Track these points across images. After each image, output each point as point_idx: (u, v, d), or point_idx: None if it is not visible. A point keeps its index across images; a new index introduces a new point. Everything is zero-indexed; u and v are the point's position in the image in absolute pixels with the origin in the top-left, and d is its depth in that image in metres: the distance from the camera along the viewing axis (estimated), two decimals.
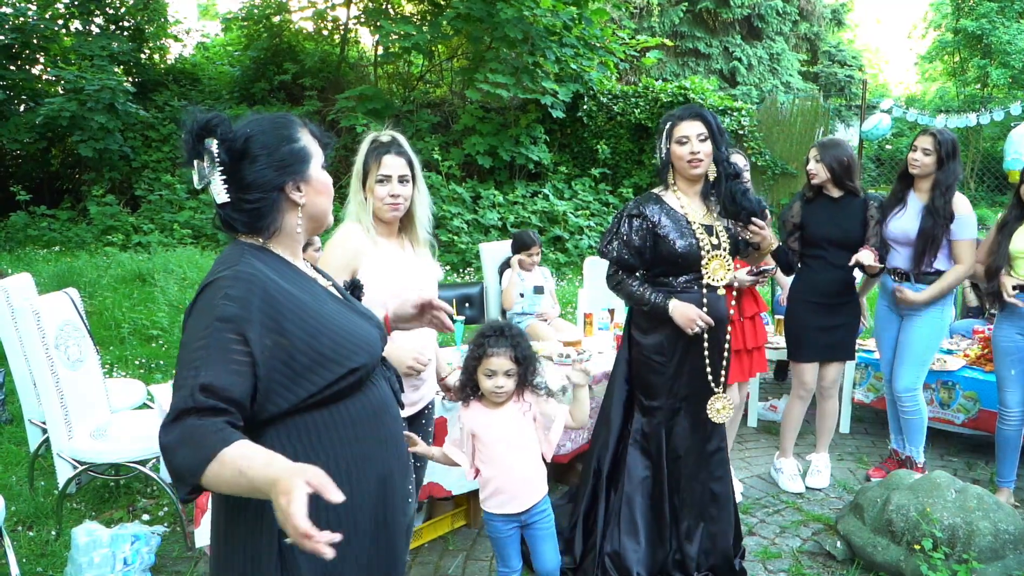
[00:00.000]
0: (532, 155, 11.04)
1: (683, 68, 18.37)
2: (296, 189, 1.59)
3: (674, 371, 3.03)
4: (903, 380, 3.91)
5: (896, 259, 3.88)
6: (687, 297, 2.96)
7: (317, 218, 1.65)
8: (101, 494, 3.88)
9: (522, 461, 2.63)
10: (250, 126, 1.58)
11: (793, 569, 3.29)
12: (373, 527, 1.62)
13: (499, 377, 2.53)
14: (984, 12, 18.95)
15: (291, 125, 1.61)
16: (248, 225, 1.57)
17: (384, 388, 1.70)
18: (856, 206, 3.86)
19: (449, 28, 10.95)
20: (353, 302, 1.77)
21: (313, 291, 1.60)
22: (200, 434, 1.32)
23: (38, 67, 11.91)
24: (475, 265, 9.26)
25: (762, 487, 4.11)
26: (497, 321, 2.82)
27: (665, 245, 2.93)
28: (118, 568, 2.95)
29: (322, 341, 1.51)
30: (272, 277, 1.50)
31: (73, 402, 3.47)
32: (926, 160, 3.73)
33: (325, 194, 1.65)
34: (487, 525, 2.71)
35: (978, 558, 2.95)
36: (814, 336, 3.91)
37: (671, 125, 2.97)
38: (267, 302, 1.46)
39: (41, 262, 8.51)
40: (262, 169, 1.54)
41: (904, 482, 3.32)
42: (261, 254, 1.56)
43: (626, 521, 3.09)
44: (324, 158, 1.66)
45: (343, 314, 1.63)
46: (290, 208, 1.60)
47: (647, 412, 3.11)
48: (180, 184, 10.49)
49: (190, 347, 1.41)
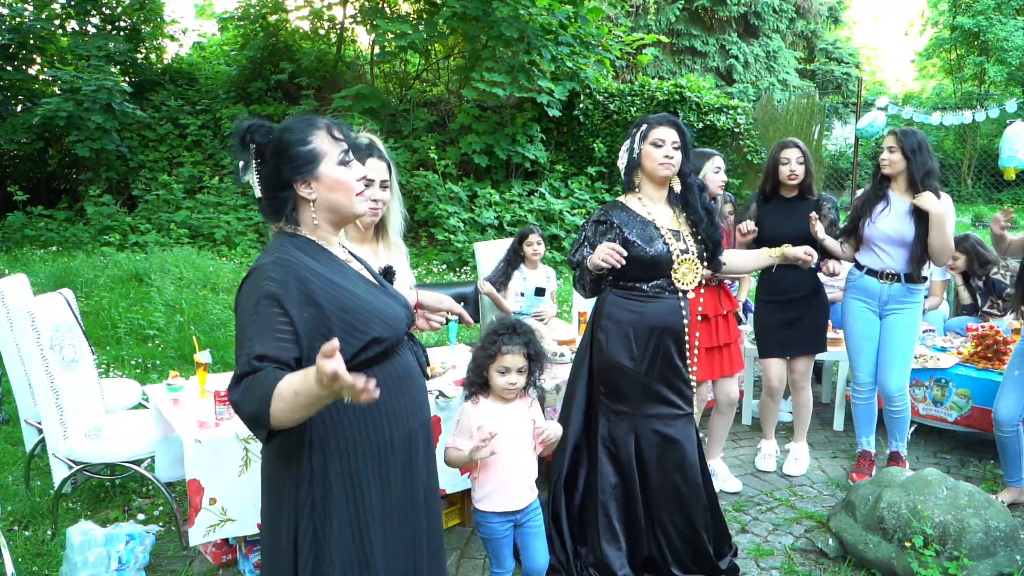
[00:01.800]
0: (528, 154, 11.05)
1: (679, 66, 18.38)
2: (306, 186, 1.80)
3: (645, 374, 3.03)
4: (896, 380, 3.94)
5: (885, 260, 3.89)
6: (659, 304, 3.00)
7: (335, 210, 1.85)
8: (97, 494, 3.89)
9: (525, 459, 2.67)
10: (279, 131, 1.82)
11: (785, 566, 3.31)
12: (400, 475, 1.89)
13: (512, 374, 2.57)
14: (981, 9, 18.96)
15: (307, 129, 1.81)
16: (274, 216, 1.84)
17: (409, 359, 1.94)
18: (810, 206, 3.95)
19: (445, 27, 10.95)
20: (383, 284, 2.00)
21: (344, 272, 1.84)
22: (257, 383, 1.60)
23: (35, 67, 11.91)
24: (471, 264, 9.26)
25: (756, 484, 4.12)
26: (508, 318, 2.85)
27: (634, 251, 2.95)
28: (113, 568, 2.96)
29: (351, 313, 1.76)
30: (306, 261, 1.76)
31: (68, 402, 3.48)
32: (893, 157, 3.81)
33: (339, 190, 1.83)
34: (481, 526, 2.71)
35: (969, 555, 2.96)
36: (775, 333, 4.01)
37: (647, 127, 3.00)
38: (302, 281, 1.71)
39: (38, 262, 8.51)
40: (274, 168, 1.80)
41: (896, 479, 3.34)
42: (298, 241, 1.81)
43: (605, 529, 3.08)
44: (348, 156, 1.84)
45: (371, 292, 1.86)
46: (303, 203, 1.83)
47: (614, 416, 3.09)
48: (177, 184, 10.49)
49: (243, 322, 1.70)
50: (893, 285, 3.89)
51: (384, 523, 1.87)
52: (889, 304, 3.92)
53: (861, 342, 4.04)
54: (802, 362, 4.13)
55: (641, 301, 3.01)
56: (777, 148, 3.99)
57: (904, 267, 3.85)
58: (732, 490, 4.00)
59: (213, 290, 7.86)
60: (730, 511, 3.79)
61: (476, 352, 2.66)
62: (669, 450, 3.08)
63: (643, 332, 3.00)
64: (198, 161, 11.29)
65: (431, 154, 10.55)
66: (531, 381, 2.66)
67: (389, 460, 1.87)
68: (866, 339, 4.02)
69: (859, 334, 4.04)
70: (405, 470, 1.92)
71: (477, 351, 2.66)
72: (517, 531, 2.70)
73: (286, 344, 1.67)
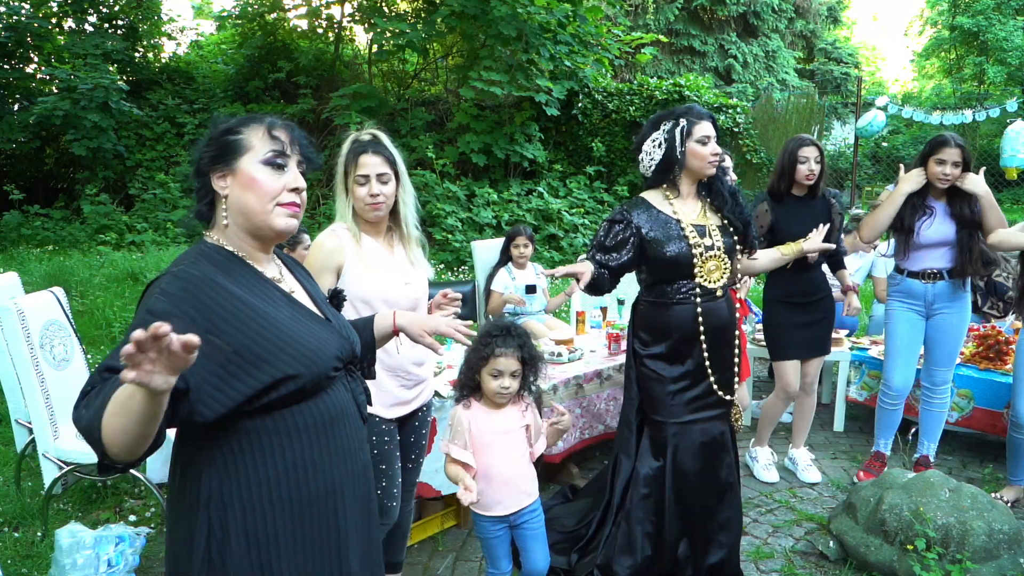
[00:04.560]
0: (527, 153, 11.01)
1: (678, 66, 18.34)
2: (221, 179, 1.59)
3: (677, 383, 2.94)
4: (941, 374, 3.94)
5: (929, 260, 3.84)
6: (681, 310, 2.90)
7: (245, 214, 1.59)
8: (88, 495, 3.84)
9: (515, 465, 2.59)
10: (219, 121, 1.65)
11: (786, 569, 3.27)
12: (320, 535, 1.60)
13: (505, 378, 2.49)
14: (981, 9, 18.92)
15: (245, 121, 1.62)
16: (198, 212, 1.63)
17: (343, 397, 1.66)
18: (820, 204, 3.89)
19: (443, 26, 10.92)
20: (326, 312, 1.74)
21: (265, 293, 1.59)
22: (95, 392, 1.36)
23: (32, 66, 11.87)
24: (469, 263, 9.22)
25: (755, 486, 4.08)
26: (502, 320, 2.78)
27: (654, 251, 2.87)
28: (102, 570, 2.92)
29: (259, 343, 1.49)
30: (215, 278, 1.52)
31: (59, 402, 3.43)
32: (956, 172, 3.68)
33: (252, 191, 1.57)
34: (476, 526, 2.67)
35: (972, 558, 2.92)
36: (794, 334, 3.92)
37: (690, 124, 2.86)
38: (201, 301, 1.47)
39: (34, 261, 8.47)
40: (199, 154, 1.60)
41: (897, 481, 3.30)
42: (215, 254, 1.58)
43: (623, 536, 2.99)
44: (281, 159, 1.59)
45: (296, 320, 1.60)
46: (217, 198, 1.61)
47: (654, 427, 3.01)
48: (174, 183, 10.45)
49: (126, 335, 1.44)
50: (937, 284, 3.83)
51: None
52: (935, 304, 3.86)
53: (904, 346, 3.95)
54: (815, 364, 4.05)
55: (665, 308, 2.92)
56: (794, 145, 3.84)
57: (948, 264, 3.81)
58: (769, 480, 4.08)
59: None
60: None
61: (469, 354, 2.58)
62: (713, 457, 2.99)
63: (671, 340, 2.92)
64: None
65: (429, 153, 10.51)
66: (525, 385, 2.58)
67: (305, 515, 1.58)
68: (910, 342, 3.94)
69: (903, 336, 3.95)
70: (327, 527, 1.62)
71: (470, 353, 2.57)
72: (515, 532, 2.65)
73: None
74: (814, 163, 3.81)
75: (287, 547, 1.56)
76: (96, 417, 1.32)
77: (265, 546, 1.53)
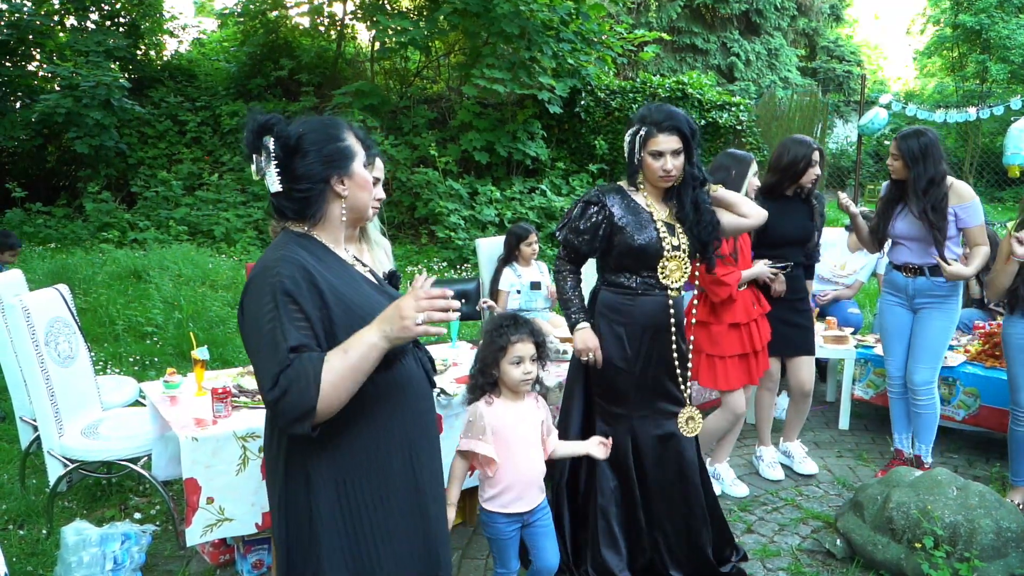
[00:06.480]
0: (529, 151, 10.98)
1: (681, 63, 18.33)
2: (340, 182, 1.80)
3: (639, 375, 2.96)
4: (921, 373, 3.91)
5: (905, 254, 3.89)
6: (648, 300, 2.91)
7: (357, 210, 1.86)
8: (93, 492, 3.83)
9: (535, 459, 2.63)
10: (303, 126, 1.79)
11: (792, 567, 3.26)
12: (404, 490, 1.82)
13: (527, 363, 2.53)
14: (983, 7, 18.91)
15: (339, 127, 1.83)
16: (297, 212, 1.80)
17: (412, 366, 1.87)
18: (802, 203, 3.94)
19: (446, 23, 10.89)
20: (387, 288, 1.95)
21: (349, 275, 1.81)
22: (301, 368, 1.57)
23: (34, 63, 11.83)
24: (472, 261, 9.21)
25: (761, 484, 4.07)
26: (504, 312, 2.80)
27: (622, 237, 2.87)
28: (108, 568, 2.91)
29: (355, 316, 1.70)
30: (311, 262, 1.72)
31: (64, 399, 3.43)
32: (895, 164, 3.81)
33: (366, 189, 1.85)
34: (487, 526, 2.65)
35: (980, 556, 2.91)
36: (776, 330, 3.90)
37: (647, 134, 2.82)
38: (310, 281, 1.67)
39: (36, 259, 8.45)
40: (311, 163, 1.77)
41: (904, 479, 3.29)
42: (304, 241, 1.78)
43: (604, 535, 3.02)
44: (367, 158, 1.87)
45: (374, 297, 1.82)
46: (334, 199, 1.81)
47: (611, 419, 3.02)
48: (176, 181, 10.43)
49: (261, 322, 1.63)
50: (918, 279, 3.86)
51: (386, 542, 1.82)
52: (917, 299, 3.90)
53: (892, 335, 4.05)
54: (806, 366, 4.11)
55: (631, 298, 2.93)
56: (808, 150, 3.84)
57: (926, 261, 3.82)
58: (739, 495, 3.93)
59: (212, 287, 7.81)
60: (735, 511, 3.74)
61: (482, 350, 2.59)
62: (667, 450, 3.02)
63: (635, 331, 2.92)
64: (197, 158, 11.24)
65: (431, 151, 10.49)
66: (543, 366, 2.62)
67: (389, 473, 1.81)
68: (896, 332, 4.01)
69: (889, 327, 4.05)
70: (408, 484, 1.84)
71: (483, 349, 2.59)
72: (526, 531, 2.65)
73: (309, 336, 1.64)
74: (819, 166, 3.88)
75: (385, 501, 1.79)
76: (314, 383, 1.57)
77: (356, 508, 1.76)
